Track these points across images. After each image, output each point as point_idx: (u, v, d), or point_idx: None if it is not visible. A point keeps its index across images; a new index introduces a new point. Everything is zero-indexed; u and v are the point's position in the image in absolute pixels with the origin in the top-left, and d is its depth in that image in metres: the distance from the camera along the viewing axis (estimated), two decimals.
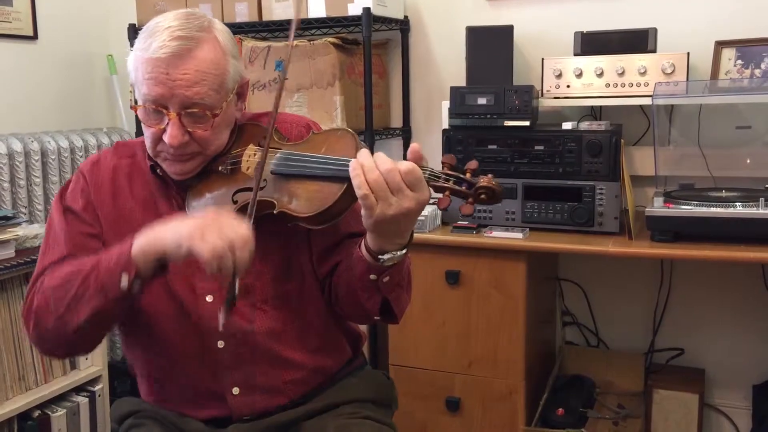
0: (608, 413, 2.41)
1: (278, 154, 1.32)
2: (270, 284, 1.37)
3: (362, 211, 1.19)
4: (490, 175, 1.20)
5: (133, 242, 1.22)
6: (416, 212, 1.18)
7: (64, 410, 2.35)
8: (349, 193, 1.22)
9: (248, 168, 1.34)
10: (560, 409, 2.33)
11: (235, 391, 1.37)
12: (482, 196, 1.19)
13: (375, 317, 1.34)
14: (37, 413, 2.28)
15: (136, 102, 1.32)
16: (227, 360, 1.36)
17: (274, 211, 1.28)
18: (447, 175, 1.20)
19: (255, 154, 1.34)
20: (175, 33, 1.24)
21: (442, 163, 1.22)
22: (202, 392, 1.38)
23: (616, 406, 2.44)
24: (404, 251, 1.25)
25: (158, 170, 1.37)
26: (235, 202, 1.31)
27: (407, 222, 1.20)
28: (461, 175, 1.20)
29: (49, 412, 2.31)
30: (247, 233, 1.18)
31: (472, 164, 1.21)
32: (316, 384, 1.43)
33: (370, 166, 1.16)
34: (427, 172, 1.19)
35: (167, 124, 1.27)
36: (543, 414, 2.33)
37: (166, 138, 1.27)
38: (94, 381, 2.47)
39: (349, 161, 1.21)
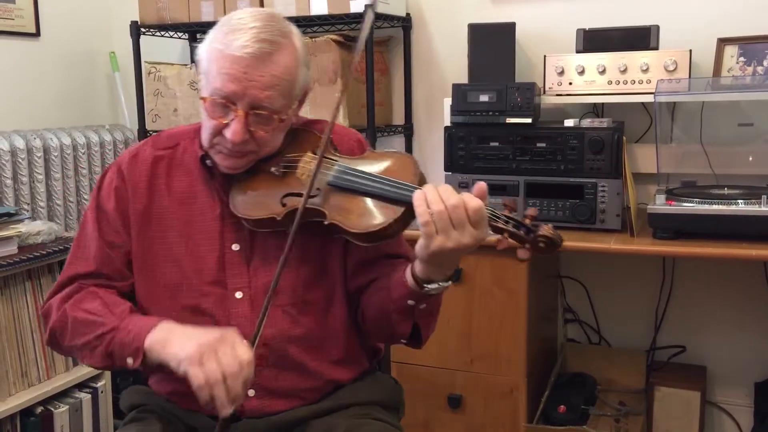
0: (610, 411, 2.41)
1: (336, 167, 1.32)
2: (300, 289, 1.37)
3: (420, 240, 1.19)
4: (550, 225, 1.22)
5: (151, 331, 1.26)
6: (472, 248, 1.19)
7: (67, 406, 2.35)
8: (404, 219, 1.24)
9: (303, 174, 1.34)
10: (562, 406, 2.33)
11: (251, 393, 1.37)
12: (541, 244, 1.21)
13: (402, 340, 1.34)
14: (39, 409, 2.29)
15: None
16: None
17: (325, 222, 1.27)
18: (507, 217, 1.22)
19: (312, 161, 1.34)
20: (260, 35, 1.26)
21: (504, 205, 1.23)
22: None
23: (617, 404, 2.44)
24: (449, 283, 1.26)
25: (208, 161, 1.38)
26: (283, 205, 1.32)
27: (461, 254, 1.21)
28: (521, 220, 1.22)
29: (52, 408, 2.32)
30: (245, 359, 1.19)
31: (532, 211, 1.23)
32: (330, 392, 1.43)
33: (435, 199, 1.17)
34: (489, 211, 1.20)
35: (232, 119, 1.28)
36: (545, 411, 2.33)
37: (227, 133, 1.29)
38: (96, 377, 2.47)
39: (411, 187, 1.22)
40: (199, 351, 1.18)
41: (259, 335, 1.25)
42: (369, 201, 1.27)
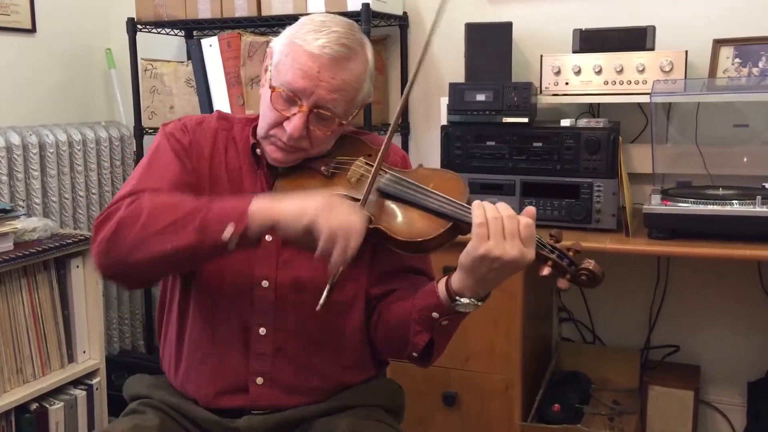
0: (604, 409, 2.42)
1: (388, 175, 1.35)
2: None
3: (468, 245, 1.21)
4: (594, 261, 1.23)
5: (251, 200, 1.23)
6: (514, 268, 1.20)
7: (62, 403, 2.35)
8: (448, 234, 1.26)
9: (352, 177, 1.37)
10: (556, 404, 2.34)
11: (259, 380, 1.38)
12: (583, 277, 1.23)
13: (414, 353, 1.34)
14: (34, 406, 2.29)
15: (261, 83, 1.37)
16: (263, 348, 1.38)
17: (370, 226, 1.29)
18: (553, 247, 1.24)
19: (363, 166, 1.38)
20: (341, 40, 1.31)
21: (550, 235, 1.26)
22: (227, 376, 1.39)
23: (611, 403, 2.45)
24: (480, 303, 1.26)
25: (258, 150, 1.41)
26: None
27: (502, 273, 1.22)
28: (566, 252, 1.24)
29: (47, 405, 2.31)
30: (364, 225, 1.22)
31: (577, 245, 1.25)
32: (334, 395, 1.44)
33: (491, 208, 1.20)
34: (537, 238, 1.22)
35: (294, 114, 1.32)
36: (539, 409, 2.34)
37: (287, 126, 1.33)
38: (91, 374, 2.47)
39: (461, 204, 1.26)
40: (327, 206, 1.20)
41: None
42: (416, 212, 1.30)
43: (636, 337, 2.64)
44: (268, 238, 1.40)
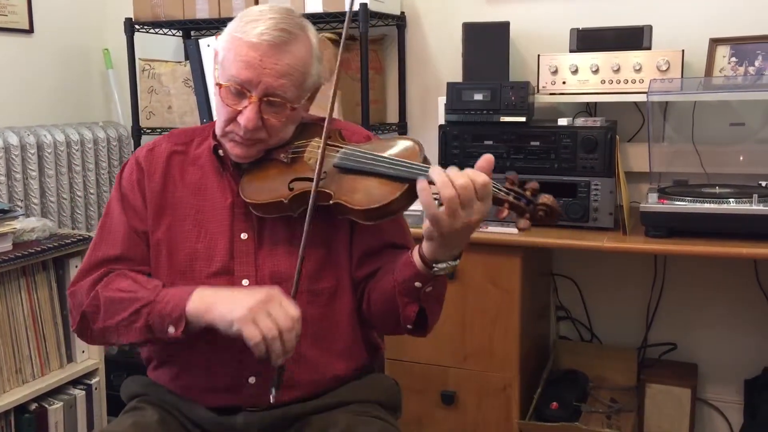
0: (602, 407, 2.43)
1: (343, 149, 1.37)
2: (305, 278, 1.39)
3: (427, 223, 1.20)
4: (550, 195, 1.23)
5: (190, 298, 1.28)
6: (478, 223, 1.21)
7: (61, 403, 2.35)
8: (408, 195, 1.26)
9: (310, 159, 1.39)
10: (554, 403, 2.34)
11: (252, 380, 1.39)
12: (541, 213, 1.22)
13: (408, 326, 1.35)
14: (34, 406, 2.29)
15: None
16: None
17: (330, 202, 1.31)
18: (509, 189, 1.23)
19: (319, 147, 1.37)
20: (279, 25, 1.32)
21: (506, 178, 1.25)
22: (219, 377, 1.40)
23: (609, 401, 2.46)
24: (456, 262, 1.27)
25: (220, 151, 1.43)
26: (291, 189, 1.36)
27: (468, 232, 1.22)
28: (522, 191, 1.23)
29: (46, 405, 2.32)
30: (296, 314, 1.24)
31: (533, 184, 1.24)
32: (331, 386, 1.44)
33: (444, 183, 1.18)
34: (491, 184, 1.21)
35: (245, 107, 1.33)
36: (537, 408, 2.35)
37: (241, 119, 1.34)
38: (90, 374, 2.47)
39: (415, 165, 1.25)
40: (251, 310, 1.22)
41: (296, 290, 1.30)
42: (373, 180, 1.31)
43: (633, 335, 2.65)
44: (243, 236, 1.42)
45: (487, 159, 1.21)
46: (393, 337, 2.36)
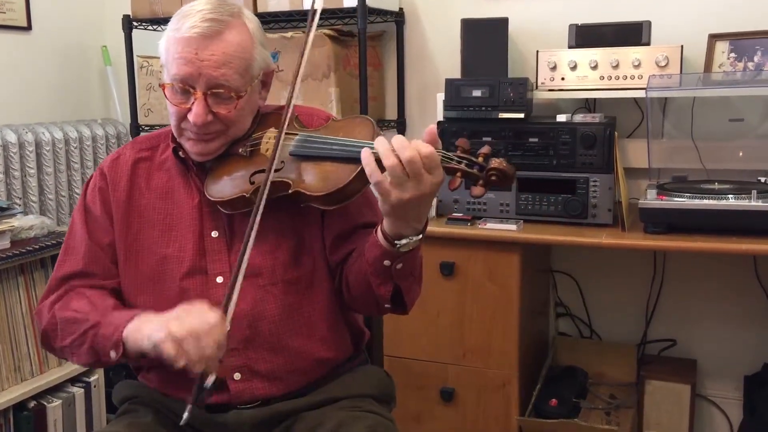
0: (601, 404, 2.43)
1: (297, 136, 1.35)
2: (280, 268, 1.39)
3: (378, 197, 1.19)
4: (502, 159, 1.19)
5: (128, 324, 1.28)
6: (432, 195, 1.19)
7: (60, 401, 2.35)
8: (363, 176, 1.23)
9: (267, 150, 1.37)
10: (553, 399, 2.34)
11: (237, 376, 1.38)
12: (493, 177, 1.18)
13: (386, 305, 1.34)
14: (32, 404, 2.29)
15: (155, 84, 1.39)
16: (231, 343, 1.36)
17: (289, 191, 1.30)
18: (459, 157, 1.20)
19: (275, 136, 1.37)
20: (207, 15, 1.31)
21: (456, 146, 1.22)
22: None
23: (608, 397, 2.46)
24: (420, 237, 1.25)
25: (180, 152, 1.42)
26: (252, 183, 1.34)
27: (424, 205, 1.21)
28: (473, 158, 1.20)
29: (45, 403, 2.32)
30: (214, 321, 1.20)
31: (485, 149, 1.21)
32: (317, 376, 1.44)
33: (386, 152, 1.16)
34: (441, 153, 1.19)
35: (193, 103, 1.32)
36: (536, 404, 2.35)
37: (190, 117, 1.33)
38: (89, 372, 2.47)
39: (365, 144, 1.22)
40: (167, 323, 1.21)
41: (232, 302, 1.26)
42: (329, 164, 1.29)
43: (633, 331, 2.65)
44: (214, 234, 1.41)
45: (430, 131, 1.19)
46: (393, 335, 2.37)
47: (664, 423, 2.45)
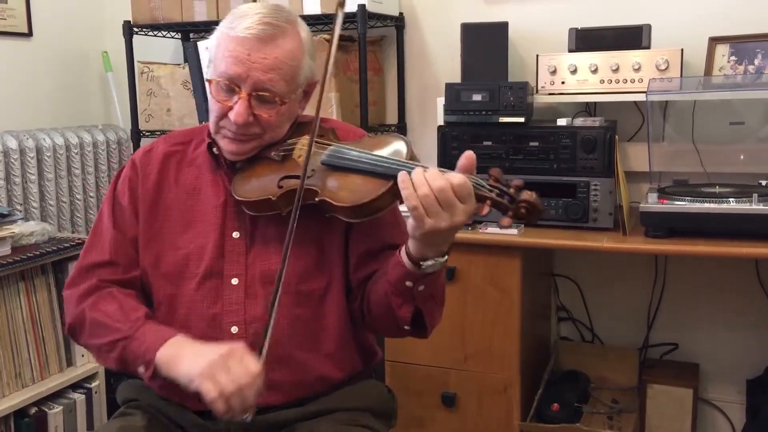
0: (603, 408, 2.42)
1: (331, 147, 1.37)
2: (294, 278, 1.38)
3: (411, 221, 1.20)
4: (533, 192, 1.21)
5: (161, 347, 1.29)
6: (464, 223, 1.20)
7: (61, 407, 2.35)
8: (392, 192, 1.25)
9: (300, 156, 1.39)
10: (555, 404, 2.34)
11: None
12: (522, 210, 1.20)
13: (405, 326, 1.34)
14: (33, 410, 2.28)
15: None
16: None
17: (316, 199, 1.31)
18: (491, 186, 1.22)
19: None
20: (264, 19, 1.33)
21: (489, 174, 1.23)
22: None
23: (610, 401, 2.46)
24: (444, 259, 1.26)
25: (214, 149, 1.43)
26: (280, 187, 1.36)
27: (454, 232, 1.22)
28: (505, 189, 1.22)
29: (46, 409, 2.31)
30: (256, 370, 1.22)
31: (517, 181, 1.23)
32: (318, 391, 1.43)
33: (420, 182, 1.17)
34: (473, 180, 1.20)
35: (236, 102, 1.33)
36: (538, 409, 2.34)
37: (231, 115, 1.34)
38: (90, 378, 2.47)
39: (399, 161, 1.25)
40: (210, 366, 1.22)
41: (266, 344, 1.27)
42: (359, 177, 1.30)
43: (634, 335, 2.65)
44: (235, 235, 1.41)
45: (468, 156, 1.20)
46: (394, 340, 2.36)
47: (666, 427, 2.44)
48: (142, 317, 1.36)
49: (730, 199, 2.03)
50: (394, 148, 1.33)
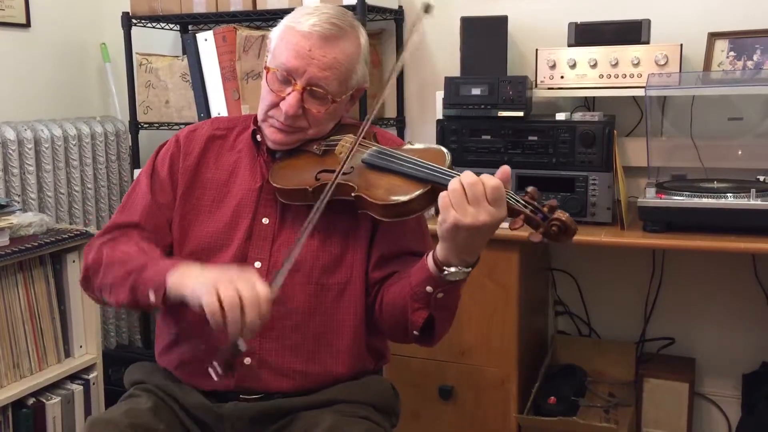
0: (599, 402, 2.43)
1: (374, 147, 1.41)
2: (318, 270, 1.41)
3: (439, 217, 1.22)
4: (567, 214, 1.23)
5: (172, 269, 1.30)
6: (490, 229, 1.21)
7: (59, 398, 2.35)
8: (427, 197, 1.29)
9: (341, 152, 1.43)
10: (552, 397, 2.35)
11: (247, 361, 1.40)
12: (554, 228, 1.22)
13: (414, 332, 1.35)
14: (31, 401, 2.29)
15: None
16: None
17: (352, 195, 1.35)
18: (526, 202, 1.24)
19: (351, 142, 1.41)
20: (331, 19, 1.39)
21: (525, 191, 1.25)
22: (215, 355, 1.39)
23: (607, 395, 2.47)
24: (468, 270, 1.27)
25: (258, 136, 1.48)
26: (317, 180, 1.39)
27: (480, 237, 1.22)
28: (539, 206, 1.24)
29: (44, 400, 2.32)
30: (263, 294, 1.22)
31: (552, 201, 1.25)
32: (322, 383, 1.44)
33: (454, 180, 1.21)
34: (509, 193, 1.23)
35: (289, 93, 1.39)
36: (535, 402, 2.35)
37: (283, 105, 1.40)
38: (88, 369, 2.47)
39: (441, 169, 1.29)
40: (216, 281, 1.22)
41: (281, 275, 1.29)
42: (397, 179, 1.34)
43: (631, 329, 2.65)
44: (265, 220, 1.45)
45: (504, 170, 1.23)
46: None
47: (662, 421, 2.45)
48: (159, 253, 1.41)
49: (728, 195, 2.04)
50: (434, 155, 1.37)
